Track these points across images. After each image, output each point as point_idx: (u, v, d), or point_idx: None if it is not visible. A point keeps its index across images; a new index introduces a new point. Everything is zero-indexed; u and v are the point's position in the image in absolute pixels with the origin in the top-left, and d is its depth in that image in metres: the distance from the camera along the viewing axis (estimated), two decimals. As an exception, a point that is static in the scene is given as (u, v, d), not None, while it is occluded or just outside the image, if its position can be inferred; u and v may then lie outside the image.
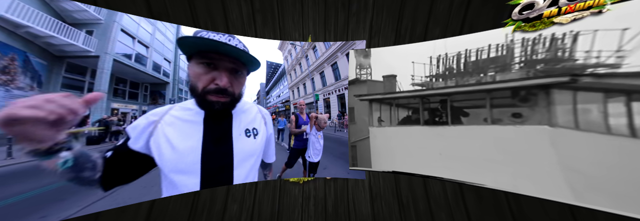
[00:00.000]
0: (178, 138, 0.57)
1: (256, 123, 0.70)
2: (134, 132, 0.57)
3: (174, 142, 0.56)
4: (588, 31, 0.65)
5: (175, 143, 0.56)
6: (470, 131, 0.86)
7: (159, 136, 0.56)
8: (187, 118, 0.60)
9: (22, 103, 0.38)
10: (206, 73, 0.56)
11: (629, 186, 0.58)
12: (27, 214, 0.73)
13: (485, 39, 0.84)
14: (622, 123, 0.59)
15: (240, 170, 0.62)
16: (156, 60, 1.22)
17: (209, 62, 0.56)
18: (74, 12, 0.94)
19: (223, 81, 0.56)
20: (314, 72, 1.74)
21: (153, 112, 0.60)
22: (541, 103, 0.72)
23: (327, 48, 1.47)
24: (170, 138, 0.56)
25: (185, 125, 0.59)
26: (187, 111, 0.61)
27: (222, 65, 0.57)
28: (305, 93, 1.83)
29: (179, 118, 0.60)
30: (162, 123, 0.57)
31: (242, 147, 0.63)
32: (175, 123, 0.58)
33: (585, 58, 0.65)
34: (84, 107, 0.43)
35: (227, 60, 0.57)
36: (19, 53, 0.85)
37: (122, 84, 1.08)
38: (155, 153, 0.56)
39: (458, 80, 0.90)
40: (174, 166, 0.57)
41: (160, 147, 0.55)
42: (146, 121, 0.57)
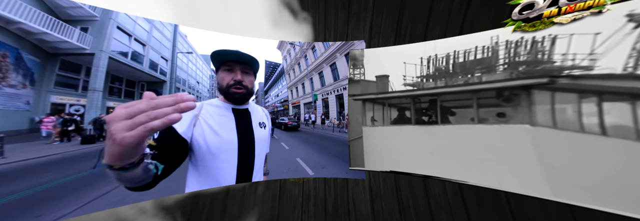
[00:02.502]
0: (219, 127, 0.77)
1: (264, 118, 0.94)
2: (179, 123, 0.62)
3: (217, 129, 0.76)
4: (565, 35, 0.70)
5: (218, 131, 0.76)
6: (459, 130, 0.90)
7: (203, 125, 0.75)
8: (222, 113, 0.81)
9: (157, 110, 0.34)
10: (228, 75, 0.81)
11: (601, 181, 0.63)
12: (22, 213, 0.72)
13: (473, 41, 0.88)
14: (594, 122, 0.64)
15: (258, 150, 0.85)
16: (153, 58, 1.21)
17: (228, 68, 0.81)
18: (69, 9, 0.93)
19: (238, 76, 0.81)
20: (312, 72, 1.75)
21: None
22: (523, 103, 0.76)
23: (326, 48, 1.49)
24: (213, 127, 0.76)
25: (222, 118, 0.80)
26: (218, 108, 0.82)
27: (236, 68, 0.82)
28: (304, 93, 1.85)
29: (216, 113, 0.80)
30: (201, 116, 0.76)
31: (258, 135, 0.86)
32: (214, 116, 0.78)
33: (562, 60, 0.69)
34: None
35: (238, 64, 0.82)
36: (11, 50, 0.84)
37: (118, 82, 1.07)
38: (200, 139, 0.73)
39: (447, 81, 0.94)
40: (218, 147, 0.75)
41: (204, 134, 0.74)
42: (190, 114, 0.73)
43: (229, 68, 0.81)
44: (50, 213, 0.75)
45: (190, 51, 1.27)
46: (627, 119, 0.60)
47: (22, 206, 0.73)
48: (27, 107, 0.85)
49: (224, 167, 0.76)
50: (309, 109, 1.83)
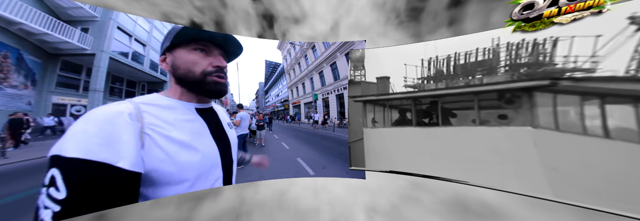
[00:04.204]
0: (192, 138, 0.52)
1: (227, 118, 0.74)
2: (114, 151, 0.42)
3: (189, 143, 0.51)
4: (566, 37, 0.69)
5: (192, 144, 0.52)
6: (460, 132, 0.90)
7: (162, 144, 0.47)
8: (185, 116, 0.55)
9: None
10: (203, 59, 0.58)
11: (603, 183, 0.63)
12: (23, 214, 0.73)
13: (474, 42, 0.88)
14: (597, 124, 0.64)
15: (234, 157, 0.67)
16: (153, 58, 1.21)
17: (203, 48, 0.58)
18: (69, 9, 0.93)
19: (223, 63, 0.59)
20: (313, 71, 1.75)
21: (120, 116, 0.45)
22: (525, 105, 0.76)
23: (326, 48, 1.49)
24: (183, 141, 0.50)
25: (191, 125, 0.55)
26: (172, 110, 0.54)
27: (215, 51, 0.60)
28: (304, 92, 1.84)
29: (175, 118, 0.53)
30: (150, 129, 0.47)
31: (231, 137, 0.67)
32: (174, 124, 0.51)
33: (564, 62, 0.69)
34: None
35: (217, 48, 0.60)
36: (12, 51, 0.84)
37: (119, 83, 1.07)
38: (165, 165, 0.47)
39: (448, 83, 0.93)
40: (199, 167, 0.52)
41: (170, 155, 0.48)
42: (131, 131, 0.45)
43: (204, 49, 0.58)
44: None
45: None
46: (630, 122, 0.59)
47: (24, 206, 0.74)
48: (29, 108, 0.85)
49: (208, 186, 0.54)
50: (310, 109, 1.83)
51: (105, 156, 0.41)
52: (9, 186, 0.74)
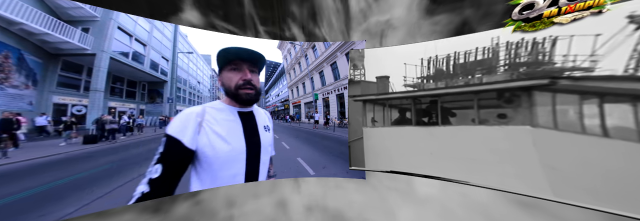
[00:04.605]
0: (227, 134, 0.74)
1: (267, 121, 0.91)
2: (184, 134, 0.70)
3: (225, 137, 0.74)
4: (565, 36, 0.69)
5: (226, 138, 0.74)
6: (459, 131, 0.90)
7: (209, 133, 0.72)
8: (228, 117, 0.78)
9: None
10: (235, 75, 0.78)
11: (602, 182, 0.63)
12: (25, 213, 0.73)
13: (473, 42, 0.88)
14: (595, 123, 0.64)
15: (264, 156, 0.83)
16: (154, 58, 1.22)
17: (235, 67, 0.78)
18: (70, 9, 0.93)
19: (247, 75, 0.78)
20: (313, 71, 1.75)
21: (192, 114, 0.74)
22: (524, 104, 0.76)
23: (326, 47, 1.49)
24: (221, 134, 0.73)
25: (230, 124, 0.77)
26: (222, 112, 0.78)
27: (243, 66, 0.78)
28: (304, 92, 1.84)
29: (222, 118, 0.76)
30: (206, 122, 0.72)
31: (264, 139, 0.83)
32: (220, 122, 0.75)
33: (563, 61, 0.69)
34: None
35: (245, 62, 0.79)
36: (13, 51, 0.84)
37: (119, 83, 1.08)
38: (207, 148, 0.70)
39: (447, 82, 0.94)
40: (226, 156, 0.73)
41: (211, 142, 0.71)
42: (194, 122, 0.71)
43: (236, 67, 0.77)
44: (53, 212, 0.76)
45: (190, 51, 1.27)
46: (629, 121, 0.60)
47: (25, 206, 0.74)
48: (30, 108, 0.86)
49: (230, 175, 0.74)
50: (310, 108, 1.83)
51: (179, 135, 0.69)
52: (12, 185, 0.74)
